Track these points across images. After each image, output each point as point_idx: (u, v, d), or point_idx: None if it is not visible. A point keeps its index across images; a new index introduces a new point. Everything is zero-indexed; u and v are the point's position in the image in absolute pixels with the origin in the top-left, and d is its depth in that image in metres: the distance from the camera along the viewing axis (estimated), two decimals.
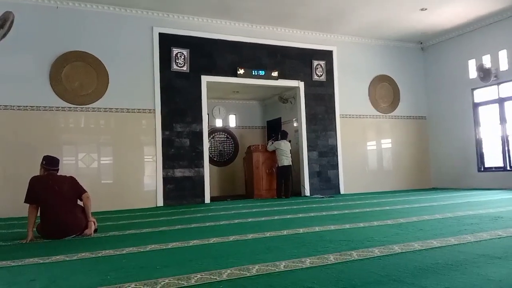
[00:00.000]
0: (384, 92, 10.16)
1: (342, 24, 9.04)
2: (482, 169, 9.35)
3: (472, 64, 9.45)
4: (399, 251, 2.72)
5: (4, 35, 5.01)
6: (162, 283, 2.13)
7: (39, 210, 3.97)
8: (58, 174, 4.21)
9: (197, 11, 8.05)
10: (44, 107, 7.06)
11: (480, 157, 9.39)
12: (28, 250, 3.35)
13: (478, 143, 9.42)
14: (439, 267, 2.27)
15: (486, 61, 9.04)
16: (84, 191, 4.15)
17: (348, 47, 9.81)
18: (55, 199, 3.96)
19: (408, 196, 7.75)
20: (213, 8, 7.94)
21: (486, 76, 8.75)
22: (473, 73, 9.38)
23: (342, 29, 9.32)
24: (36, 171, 4.22)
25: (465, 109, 9.61)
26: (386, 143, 10.16)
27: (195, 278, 2.20)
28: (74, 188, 4.13)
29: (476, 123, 9.44)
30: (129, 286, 2.09)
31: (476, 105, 9.47)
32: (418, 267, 2.28)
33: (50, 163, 4.16)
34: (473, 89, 9.48)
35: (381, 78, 10.15)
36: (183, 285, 2.08)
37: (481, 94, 9.41)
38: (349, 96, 9.69)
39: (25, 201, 3.95)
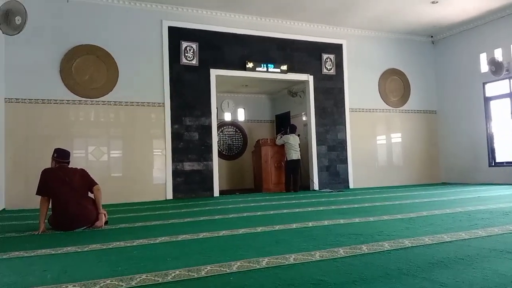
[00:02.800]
0: (394, 86, 10.08)
1: (351, 17, 8.96)
2: (493, 164, 9.26)
3: (483, 58, 9.34)
4: (409, 245, 2.71)
5: (17, 28, 5.02)
6: (173, 274, 2.14)
7: (50, 202, 4.01)
8: (69, 166, 4.25)
9: (206, 4, 8.03)
10: (54, 100, 7.12)
11: (491, 151, 9.29)
12: (40, 241, 3.39)
13: (490, 138, 9.32)
14: (450, 261, 2.25)
15: (498, 55, 8.92)
16: (95, 183, 4.18)
17: (358, 40, 9.74)
18: (66, 191, 3.99)
19: (417, 191, 7.70)
20: (222, 1, 7.92)
21: (498, 69, 8.63)
22: (484, 67, 9.26)
23: (351, 22, 9.25)
24: (47, 163, 4.25)
25: (476, 103, 9.50)
26: (396, 138, 10.10)
27: (205, 270, 2.21)
28: (84, 181, 4.16)
29: (488, 117, 9.33)
30: (139, 277, 2.11)
31: (487, 99, 9.36)
32: (428, 261, 2.27)
33: (61, 155, 4.19)
34: (484, 83, 9.37)
35: (391, 72, 10.07)
36: (193, 277, 2.09)
37: (492, 88, 9.30)
38: (359, 90, 9.63)
39: (37, 193, 3.99)
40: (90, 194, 4.22)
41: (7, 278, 2.22)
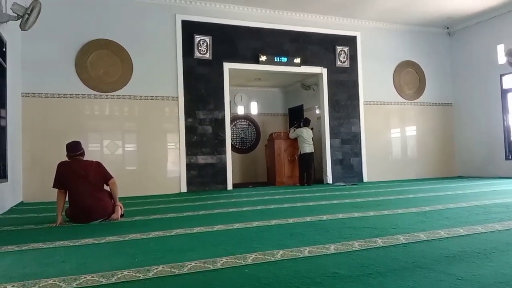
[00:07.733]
0: (409, 78, 9.97)
1: (366, 9, 8.86)
2: (510, 157, 9.11)
3: (501, 49, 9.16)
4: (425, 238, 2.70)
5: (32, 23, 5.10)
6: (189, 266, 2.17)
7: (67, 194, 4.07)
8: (85, 159, 4.29)
9: None
10: (70, 94, 7.20)
11: (508, 145, 9.15)
12: (57, 234, 3.45)
13: (506, 131, 9.17)
14: (467, 255, 2.24)
15: None
16: (111, 177, 4.23)
17: (372, 32, 9.63)
18: (82, 184, 4.05)
19: (432, 184, 7.63)
20: None
21: None
22: (502, 58, 9.09)
23: (366, 14, 9.14)
24: (63, 157, 4.31)
25: (493, 95, 9.35)
26: (411, 131, 10.00)
27: (221, 262, 2.23)
28: (100, 174, 4.21)
29: (505, 110, 9.18)
30: (156, 268, 2.14)
31: (504, 92, 9.20)
32: (444, 254, 2.26)
33: (71, 149, 4.21)
34: (501, 75, 9.21)
35: (406, 64, 9.95)
36: (209, 269, 2.11)
37: (510, 80, 9.13)
38: (373, 83, 9.55)
39: (53, 186, 4.06)
40: (106, 187, 4.27)
41: (27, 269, 2.26)
